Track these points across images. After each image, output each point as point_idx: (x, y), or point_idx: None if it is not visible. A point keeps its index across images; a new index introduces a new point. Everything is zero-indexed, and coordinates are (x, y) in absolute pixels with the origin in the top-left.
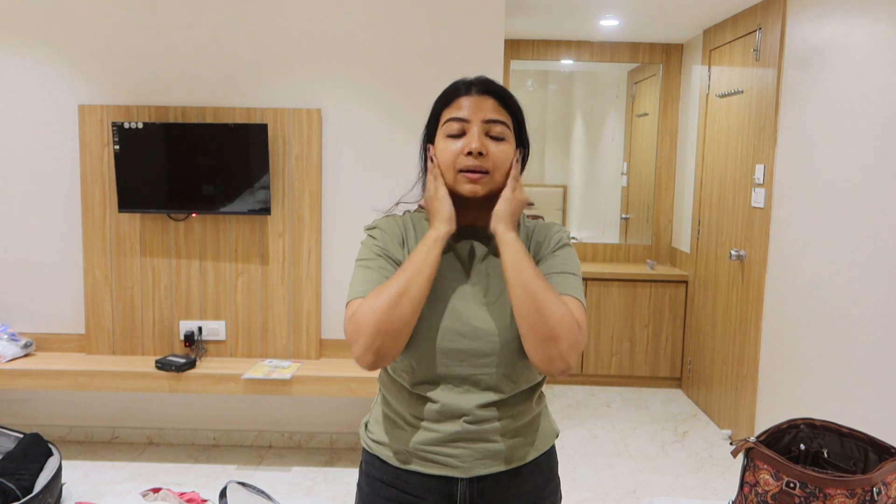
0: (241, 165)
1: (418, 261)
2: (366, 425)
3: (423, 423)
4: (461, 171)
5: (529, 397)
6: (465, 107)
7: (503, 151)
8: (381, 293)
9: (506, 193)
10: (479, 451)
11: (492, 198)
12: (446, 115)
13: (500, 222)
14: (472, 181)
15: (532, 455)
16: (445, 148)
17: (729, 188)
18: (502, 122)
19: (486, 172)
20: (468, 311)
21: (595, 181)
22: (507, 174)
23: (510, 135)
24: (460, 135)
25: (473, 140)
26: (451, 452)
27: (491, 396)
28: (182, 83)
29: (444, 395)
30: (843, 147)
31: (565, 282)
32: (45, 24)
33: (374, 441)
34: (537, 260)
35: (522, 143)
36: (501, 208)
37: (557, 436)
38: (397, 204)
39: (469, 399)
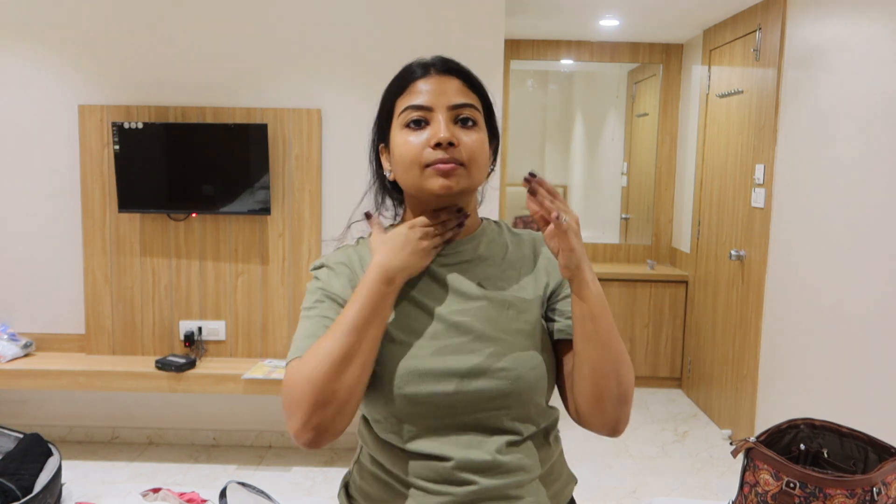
0: (241, 165)
1: (359, 309)
2: (345, 488)
3: (432, 486)
4: (427, 165)
5: (548, 436)
6: (424, 91)
7: (477, 140)
8: (318, 354)
9: (563, 224)
10: None
11: (466, 198)
12: (402, 103)
13: (580, 261)
14: (445, 174)
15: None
16: (405, 142)
17: (729, 188)
18: (471, 106)
19: (461, 163)
20: (460, 344)
21: (595, 181)
22: (483, 168)
23: (482, 120)
24: (422, 124)
25: (440, 129)
26: None
27: (505, 442)
28: (182, 83)
29: (450, 450)
30: (843, 147)
31: None
32: (45, 24)
33: None
34: (553, 286)
35: (492, 133)
36: (576, 245)
37: (576, 482)
38: (348, 227)
39: (481, 450)
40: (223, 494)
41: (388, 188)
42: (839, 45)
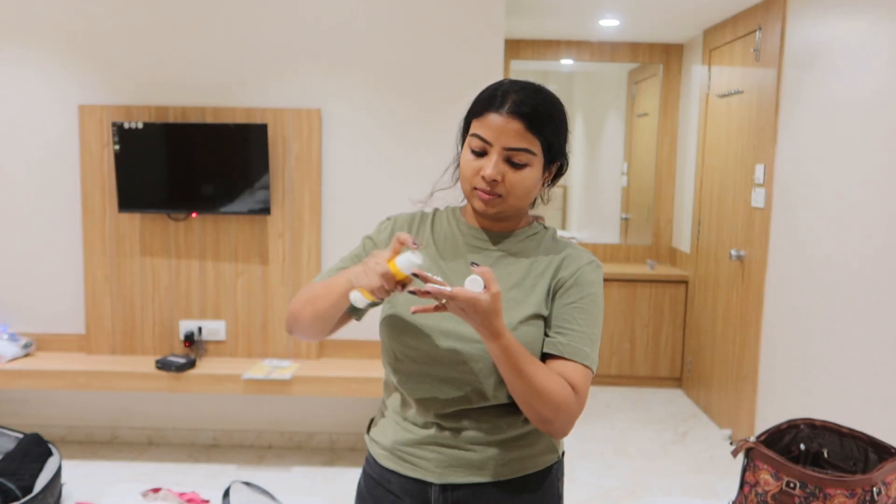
0: (241, 165)
1: (337, 284)
2: (370, 421)
3: (404, 423)
4: (475, 188)
5: (516, 412)
6: (491, 125)
7: (522, 179)
8: (309, 290)
9: (480, 296)
10: (451, 458)
11: (518, 213)
12: (474, 126)
13: (488, 329)
14: (484, 202)
15: (522, 471)
16: (466, 161)
17: (729, 188)
18: (526, 150)
19: (500, 195)
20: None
21: (595, 181)
22: (525, 198)
23: (536, 160)
24: (482, 153)
25: (489, 167)
26: (425, 455)
27: (467, 403)
28: (182, 83)
29: (422, 396)
30: (842, 147)
31: (580, 347)
32: (46, 24)
33: (370, 438)
34: (555, 295)
35: (556, 157)
36: (484, 319)
37: (560, 455)
38: (431, 194)
39: (445, 403)
40: (227, 494)
41: None
42: (839, 45)
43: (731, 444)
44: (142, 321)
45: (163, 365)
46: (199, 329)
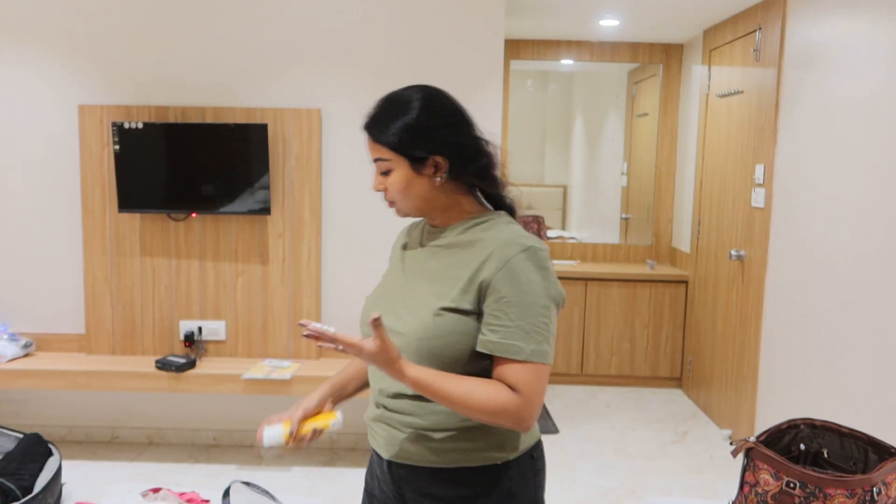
0: (241, 165)
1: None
2: None
3: (371, 400)
4: None
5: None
6: (367, 147)
7: (392, 183)
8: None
9: (370, 352)
10: (392, 437)
11: (431, 207)
12: None
13: (389, 371)
14: (392, 209)
15: (457, 463)
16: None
17: (729, 188)
18: (379, 159)
19: (393, 201)
20: (396, 298)
21: (595, 181)
22: (411, 195)
23: (395, 163)
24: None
25: (375, 181)
26: (378, 431)
27: (402, 388)
28: (182, 83)
29: (373, 377)
30: (843, 147)
31: (514, 343)
32: (46, 24)
33: None
34: (484, 292)
35: (431, 151)
36: (379, 364)
37: (517, 456)
38: None
39: (386, 386)
40: (227, 494)
41: None
42: (839, 45)
43: (731, 444)
44: (142, 321)
45: (163, 365)
46: (199, 329)
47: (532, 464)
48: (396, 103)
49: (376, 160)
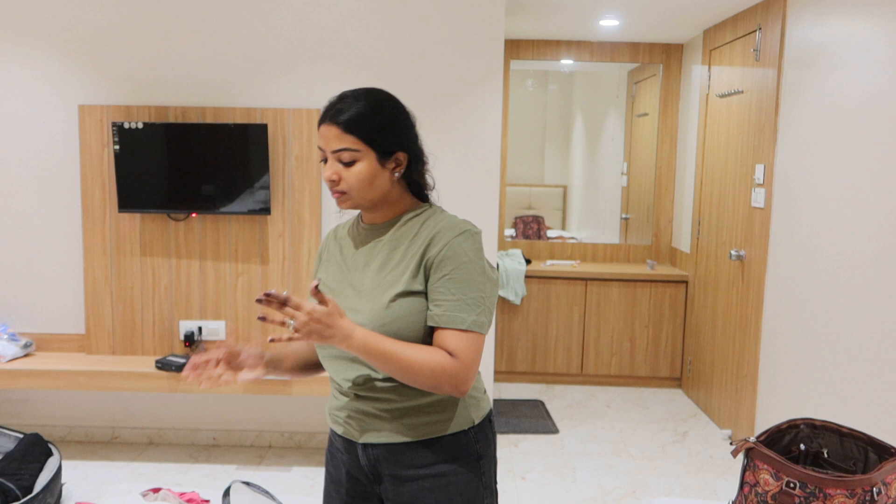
0: (241, 165)
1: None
2: None
3: (334, 392)
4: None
5: None
6: (322, 136)
7: (356, 173)
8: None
9: (322, 312)
10: (365, 422)
11: (373, 203)
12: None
13: (332, 340)
14: (336, 200)
15: (432, 434)
16: (321, 170)
17: (729, 188)
18: (346, 149)
19: (344, 192)
20: (349, 295)
21: (595, 181)
22: (368, 188)
23: (362, 155)
24: (325, 160)
25: (326, 170)
26: (348, 419)
27: (368, 373)
28: (182, 83)
29: (333, 370)
30: (843, 147)
31: (457, 314)
32: (45, 24)
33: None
34: (428, 273)
35: (396, 147)
36: (319, 335)
37: (478, 422)
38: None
39: (351, 372)
40: (227, 494)
41: None
42: (839, 45)
43: (730, 444)
44: (142, 321)
45: (163, 365)
46: (199, 329)
47: (490, 427)
48: (367, 100)
49: (340, 150)
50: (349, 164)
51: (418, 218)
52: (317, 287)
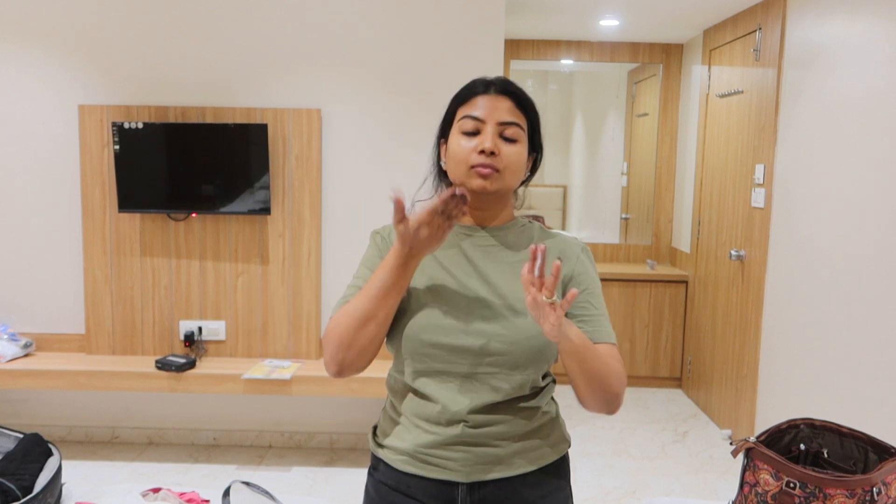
0: (241, 165)
1: (384, 281)
2: (374, 429)
3: (424, 425)
4: (472, 166)
5: (536, 404)
6: (481, 106)
7: (515, 153)
8: (349, 309)
9: (546, 305)
10: (479, 456)
11: (501, 197)
12: (462, 112)
13: (561, 331)
14: (483, 176)
15: (540, 462)
16: (459, 145)
17: (729, 188)
18: (516, 125)
19: (497, 170)
20: (472, 309)
21: (595, 181)
22: (517, 175)
23: (524, 137)
24: (475, 133)
25: (487, 139)
26: (451, 456)
27: (493, 397)
28: (182, 83)
29: (443, 395)
30: (843, 147)
31: (606, 329)
32: (46, 24)
33: (378, 444)
34: (566, 282)
35: (535, 147)
36: (554, 326)
37: (569, 445)
38: (413, 205)
39: (469, 400)
40: (227, 494)
41: (443, 176)
42: (839, 45)
43: (730, 444)
44: (142, 321)
45: (163, 365)
46: (199, 329)
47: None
48: (519, 87)
49: (508, 123)
50: (512, 142)
51: (526, 229)
52: (463, 195)
